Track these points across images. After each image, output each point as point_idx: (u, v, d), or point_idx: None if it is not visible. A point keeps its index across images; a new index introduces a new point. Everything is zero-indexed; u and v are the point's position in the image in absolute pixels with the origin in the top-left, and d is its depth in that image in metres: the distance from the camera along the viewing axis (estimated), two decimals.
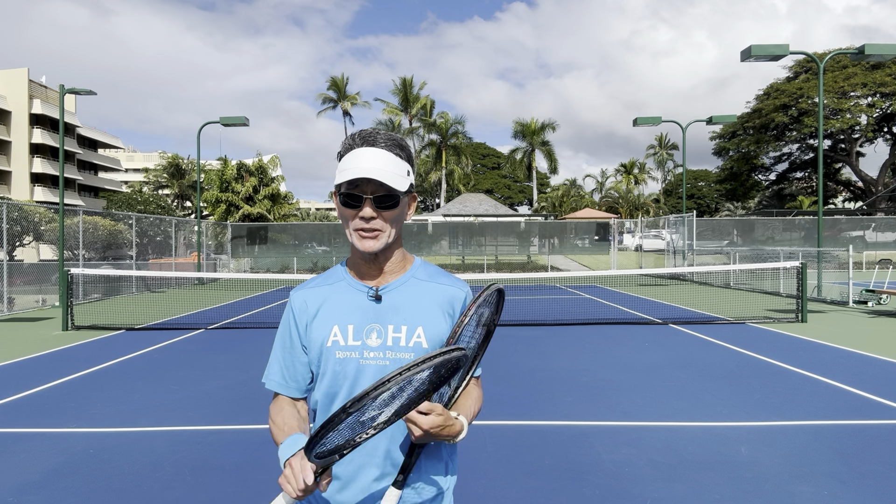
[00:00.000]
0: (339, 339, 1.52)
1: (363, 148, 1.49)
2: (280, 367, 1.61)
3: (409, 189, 1.54)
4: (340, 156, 1.53)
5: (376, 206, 1.47)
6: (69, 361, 8.46)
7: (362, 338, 1.51)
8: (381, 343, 1.51)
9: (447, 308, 1.57)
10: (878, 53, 15.29)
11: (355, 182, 1.46)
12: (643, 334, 10.39)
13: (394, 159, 1.49)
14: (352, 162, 1.47)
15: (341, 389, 1.52)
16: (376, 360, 1.50)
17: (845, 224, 31.43)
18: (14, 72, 53.63)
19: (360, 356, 1.50)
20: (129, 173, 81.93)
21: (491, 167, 79.63)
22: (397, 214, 1.51)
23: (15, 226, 20.16)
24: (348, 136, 1.54)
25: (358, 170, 1.44)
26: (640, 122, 23.12)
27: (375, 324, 1.52)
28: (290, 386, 1.60)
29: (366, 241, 1.48)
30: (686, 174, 27.08)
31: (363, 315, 1.53)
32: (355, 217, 1.48)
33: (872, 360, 8.05)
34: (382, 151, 1.48)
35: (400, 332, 1.51)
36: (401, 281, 1.57)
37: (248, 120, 22.51)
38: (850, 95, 39.76)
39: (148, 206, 41.58)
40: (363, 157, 1.46)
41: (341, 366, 1.51)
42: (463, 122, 55.67)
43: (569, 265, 31.96)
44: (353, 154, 1.49)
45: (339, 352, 1.51)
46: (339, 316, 1.54)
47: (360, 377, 1.50)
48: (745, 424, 5.32)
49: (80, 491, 4.03)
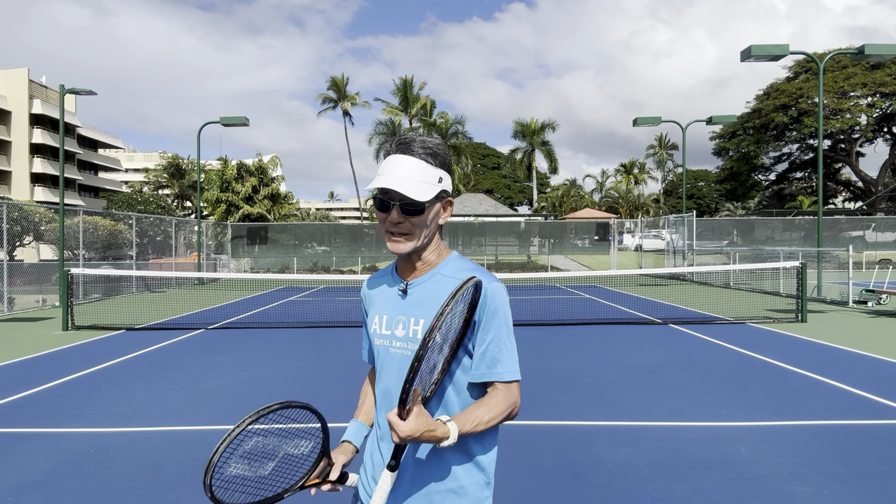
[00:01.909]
0: (378, 328, 1.68)
1: (396, 155, 1.59)
2: (366, 342, 1.82)
3: (440, 195, 1.61)
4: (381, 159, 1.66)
5: (403, 212, 1.56)
6: (69, 361, 8.45)
7: (392, 328, 1.64)
8: (405, 334, 1.62)
9: None
10: (878, 53, 15.29)
11: (384, 188, 1.55)
12: (643, 334, 10.39)
13: (424, 168, 1.57)
14: (384, 168, 1.58)
15: (380, 371, 1.70)
16: (401, 349, 1.62)
17: (845, 224, 31.42)
18: (14, 72, 53.62)
19: (390, 344, 1.64)
20: (129, 173, 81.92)
21: (491, 167, 79.62)
22: (423, 220, 1.59)
23: (15, 226, 20.16)
24: (390, 140, 1.66)
25: (384, 178, 1.55)
26: (640, 122, 23.12)
27: (402, 316, 1.63)
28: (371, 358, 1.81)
29: (393, 244, 1.60)
30: (686, 174, 27.09)
31: (394, 307, 1.66)
32: (386, 220, 1.59)
33: (872, 360, 8.05)
34: (413, 160, 1.57)
35: (418, 325, 1.60)
36: (427, 276, 1.66)
37: (248, 120, 22.51)
38: (849, 95, 39.76)
39: (148, 206, 41.59)
40: (393, 165, 1.57)
41: (379, 351, 1.69)
42: (463, 122, 55.59)
43: (569, 265, 31.95)
44: (388, 161, 1.60)
45: (377, 339, 1.68)
46: (380, 306, 1.70)
47: (388, 363, 1.65)
48: (745, 424, 5.32)
49: (80, 491, 4.03)
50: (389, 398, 1.63)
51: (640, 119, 23.14)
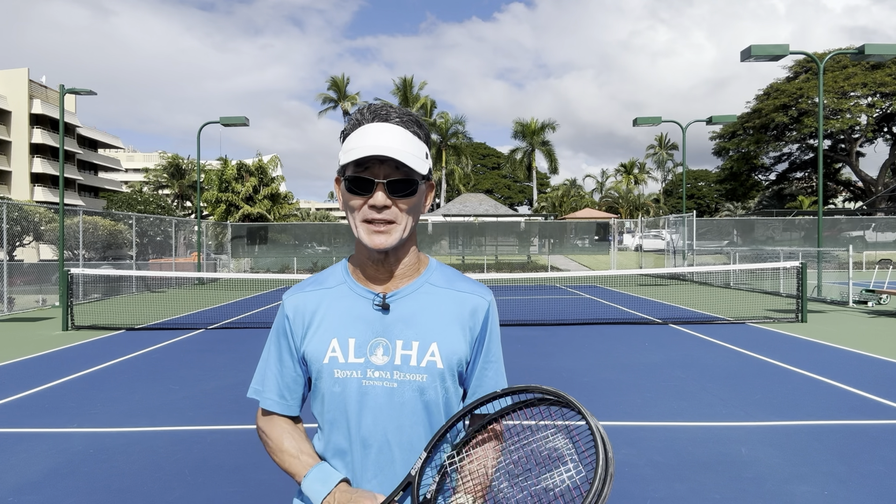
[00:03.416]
0: (339, 356, 1.28)
1: (375, 123, 1.25)
2: (277, 382, 1.36)
3: (429, 175, 1.30)
4: (345, 135, 1.29)
5: (391, 192, 1.23)
6: (69, 361, 8.45)
7: (366, 354, 1.28)
8: (388, 361, 1.27)
9: (467, 321, 1.33)
10: (878, 53, 15.29)
11: (365, 163, 1.22)
12: (643, 334, 10.39)
13: (411, 138, 1.25)
14: (360, 139, 1.22)
15: (340, 415, 1.29)
16: (382, 381, 1.27)
17: (845, 224, 31.42)
18: (14, 72, 53.62)
19: (363, 376, 1.27)
20: (129, 173, 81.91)
21: (491, 167, 79.63)
22: (414, 204, 1.27)
23: (15, 226, 20.16)
24: (356, 110, 1.30)
25: (369, 148, 1.20)
26: (640, 122, 23.12)
27: (381, 338, 1.28)
28: (291, 405, 1.37)
29: (376, 236, 1.24)
30: (686, 174, 27.09)
31: (367, 327, 1.29)
32: (364, 206, 1.24)
33: (872, 360, 8.04)
34: (398, 128, 1.24)
35: (410, 348, 1.28)
36: (413, 287, 1.33)
37: (248, 120, 22.51)
38: (850, 95, 39.75)
39: (148, 206, 41.58)
40: (375, 134, 1.22)
41: (340, 387, 1.28)
42: (463, 122, 55.74)
43: (569, 265, 31.96)
44: (361, 131, 1.24)
45: (338, 370, 1.28)
46: (339, 327, 1.30)
47: (363, 401, 1.27)
48: (745, 424, 5.32)
49: (80, 491, 4.03)
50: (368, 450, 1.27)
51: (640, 119, 23.14)
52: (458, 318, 1.32)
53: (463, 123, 55.45)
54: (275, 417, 1.37)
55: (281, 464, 1.32)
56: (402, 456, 1.27)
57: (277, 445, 1.33)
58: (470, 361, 1.34)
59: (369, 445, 1.27)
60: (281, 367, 1.36)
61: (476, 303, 1.35)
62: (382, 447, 1.27)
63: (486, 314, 1.35)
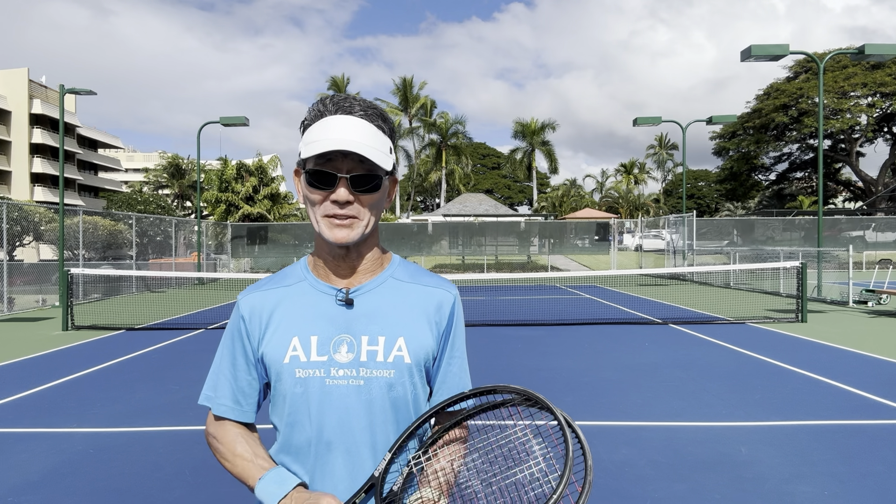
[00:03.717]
0: (300, 355, 1.24)
1: (337, 116, 1.21)
2: (231, 386, 1.30)
3: (392, 170, 1.27)
4: (306, 126, 1.25)
5: (354, 187, 1.20)
6: (69, 361, 8.45)
7: (329, 352, 1.23)
8: (353, 358, 1.23)
9: (433, 315, 1.31)
10: (878, 53, 15.29)
11: (327, 156, 1.19)
12: (643, 334, 10.39)
13: (375, 132, 1.22)
14: (322, 132, 1.19)
15: (303, 417, 1.24)
16: (347, 379, 1.23)
17: (845, 224, 31.41)
18: (14, 72, 53.62)
19: (327, 375, 1.23)
20: (129, 173, 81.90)
21: (491, 167, 79.64)
22: (378, 199, 1.24)
23: (15, 226, 20.16)
24: (317, 101, 1.25)
25: (331, 141, 1.17)
26: (640, 122, 23.12)
27: (345, 334, 1.25)
28: (246, 410, 1.31)
29: (338, 230, 1.21)
30: (686, 174, 27.09)
31: (330, 324, 1.25)
32: (325, 200, 1.21)
33: (872, 360, 8.04)
34: (362, 122, 1.21)
35: (376, 343, 1.24)
36: (377, 282, 1.30)
37: (248, 120, 22.51)
38: (850, 95, 39.77)
39: (148, 206, 41.59)
40: (337, 127, 1.19)
41: (302, 387, 1.23)
42: (463, 122, 55.78)
43: (569, 265, 31.96)
44: (323, 123, 1.21)
45: (300, 370, 1.23)
46: (300, 325, 1.26)
47: (326, 401, 1.22)
48: (745, 424, 5.32)
49: (80, 491, 4.03)
50: (332, 453, 1.23)
51: (640, 119, 23.15)
52: (424, 313, 1.30)
53: (463, 123, 55.52)
54: (227, 423, 1.31)
55: (233, 469, 1.26)
56: (374, 456, 1.23)
57: (230, 450, 1.27)
58: (437, 357, 1.31)
59: (334, 448, 1.22)
60: (234, 370, 1.30)
61: (442, 297, 1.33)
62: (350, 449, 1.23)
63: (452, 309, 1.33)
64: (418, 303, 1.31)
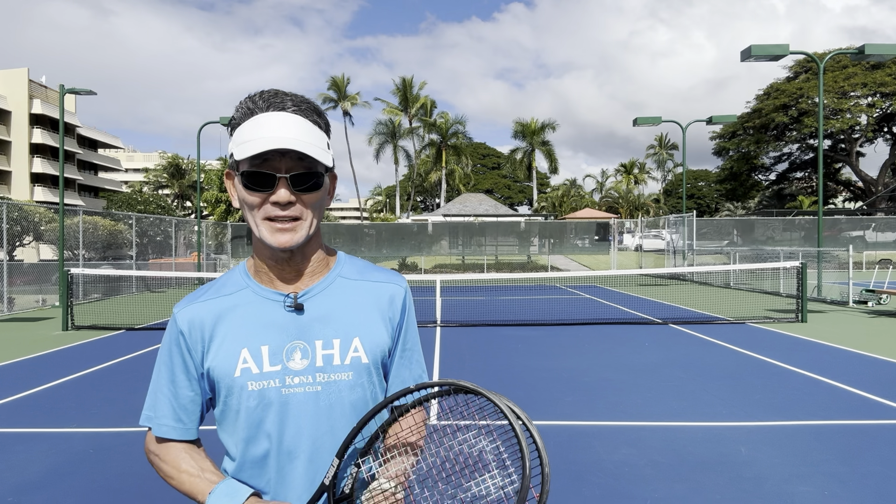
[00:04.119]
0: (252, 367, 1.18)
1: (269, 113, 1.15)
2: (171, 405, 1.24)
3: (331, 166, 1.23)
4: (234, 125, 1.19)
5: (294, 187, 1.14)
6: (69, 361, 8.45)
7: (282, 360, 1.19)
8: (309, 364, 1.19)
9: (386, 311, 1.28)
10: (878, 53, 15.29)
11: (264, 157, 1.12)
12: (643, 334, 10.39)
13: (311, 128, 1.16)
14: (255, 131, 1.12)
15: (258, 431, 1.19)
16: (304, 386, 1.18)
17: (845, 224, 31.41)
18: (14, 72, 53.62)
19: (282, 384, 1.18)
20: (129, 173, 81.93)
21: (491, 167, 79.65)
22: (320, 198, 1.19)
23: (15, 226, 20.16)
24: (245, 98, 1.19)
25: (267, 140, 1.10)
26: (640, 122, 23.12)
27: (298, 341, 1.20)
28: (189, 427, 1.26)
29: (281, 235, 1.15)
30: (686, 174, 27.09)
31: (281, 331, 1.20)
32: (265, 203, 1.15)
33: (872, 360, 8.04)
34: (296, 117, 1.15)
35: (332, 347, 1.21)
36: (325, 283, 1.26)
37: None
38: (850, 95, 39.77)
39: (148, 206, 41.59)
40: (271, 125, 1.12)
41: (258, 399, 1.18)
42: (464, 122, 55.69)
43: (569, 265, 31.96)
44: (255, 121, 1.14)
45: (253, 382, 1.18)
46: (248, 336, 1.20)
47: (284, 411, 1.18)
48: (745, 424, 5.32)
49: (80, 491, 4.03)
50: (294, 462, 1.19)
51: (640, 119, 23.14)
52: (377, 309, 1.27)
53: (463, 123, 55.49)
54: (168, 445, 1.26)
55: (180, 486, 1.20)
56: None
57: (174, 466, 1.22)
58: (391, 351, 1.29)
59: (295, 457, 1.19)
60: (174, 387, 1.24)
61: (393, 291, 1.30)
62: (313, 457, 1.19)
63: (404, 302, 1.31)
64: (370, 300, 1.27)
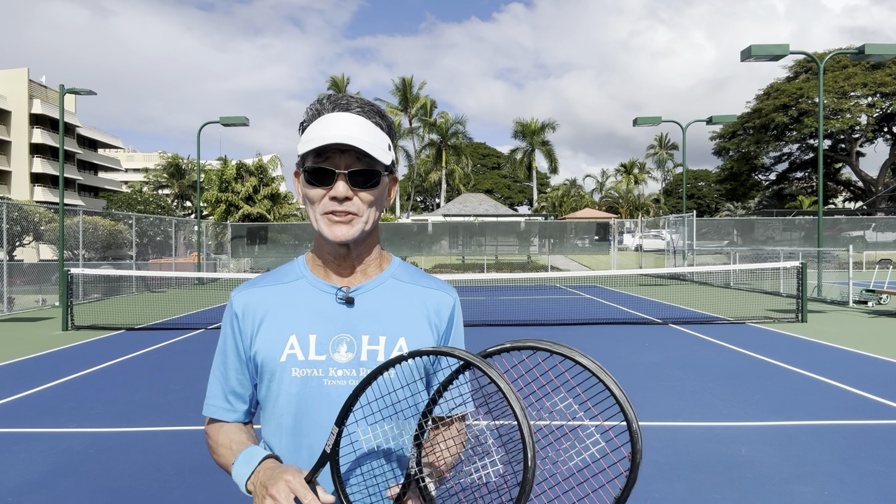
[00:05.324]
0: (298, 353, 1.20)
1: (335, 113, 1.20)
2: (221, 387, 1.28)
3: (392, 167, 1.26)
4: (304, 127, 1.24)
5: (352, 183, 1.18)
6: (69, 361, 8.45)
7: (328, 351, 1.20)
8: (353, 358, 1.20)
9: (433, 317, 1.28)
10: (879, 53, 15.29)
11: (325, 153, 1.17)
12: (643, 334, 10.39)
13: (373, 128, 1.20)
14: (319, 130, 1.17)
15: (292, 419, 1.20)
16: (346, 379, 1.19)
17: (845, 224, 31.41)
18: (14, 72, 53.62)
19: (325, 375, 1.19)
20: (129, 173, 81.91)
21: (491, 167, 79.65)
22: (377, 196, 1.22)
23: (15, 226, 20.15)
24: (314, 101, 1.25)
25: (329, 137, 1.15)
26: (640, 122, 23.12)
27: (345, 333, 1.21)
28: (238, 409, 1.28)
29: (337, 227, 1.18)
30: (686, 174, 27.09)
31: (330, 322, 1.22)
32: (324, 197, 1.18)
33: (872, 360, 8.04)
34: (359, 118, 1.19)
35: (377, 343, 1.21)
36: (377, 281, 1.28)
37: (247, 120, 22.51)
38: (850, 95, 39.76)
39: (148, 206, 41.58)
40: (335, 124, 1.17)
41: (299, 387, 1.20)
42: (463, 122, 55.66)
43: (569, 265, 31.96)
44: (321, 121, 1.19)
45: (297, 369, 1.20)
46: (298, 323, 1.22)
47: (322, 402, 1.19)
48: (745, 424, 5.32)
49: (80, 491, 4.03)
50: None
51: (640, 119, 23.14)
52: (424, 314, 1.27)
53: (463, 123, 55.48)
54: (219, 423, 1.29)
55: (218, 461, 1.25)
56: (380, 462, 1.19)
57: (218, 443, 1.25)
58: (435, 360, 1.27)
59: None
60: (226, 369, 1.28)
61: (441, 299, 1.30)
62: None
63: (452, 312, 1.31)
64: (418, 304, 1.28)
